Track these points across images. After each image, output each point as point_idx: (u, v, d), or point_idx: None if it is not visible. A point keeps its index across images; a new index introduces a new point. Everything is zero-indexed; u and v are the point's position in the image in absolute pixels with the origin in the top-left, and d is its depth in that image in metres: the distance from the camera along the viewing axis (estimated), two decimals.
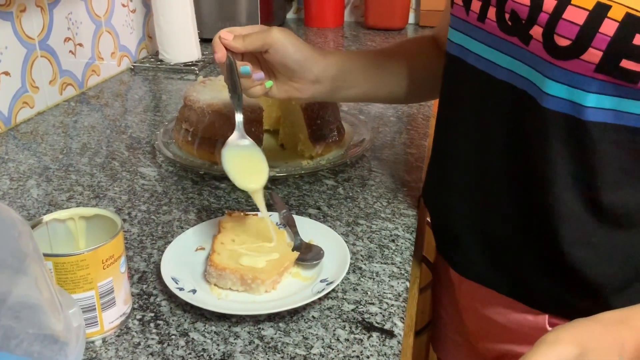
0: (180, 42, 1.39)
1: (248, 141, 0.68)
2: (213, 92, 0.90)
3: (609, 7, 0.48)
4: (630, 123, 0.53)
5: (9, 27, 1.02)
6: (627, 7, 0.48)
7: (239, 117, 0.68)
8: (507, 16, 0.55)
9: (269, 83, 0.70)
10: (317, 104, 0.88)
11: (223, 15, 1.62)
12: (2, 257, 0.36)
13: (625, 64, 0.49)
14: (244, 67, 0.66)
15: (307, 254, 0.65)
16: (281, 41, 0.67)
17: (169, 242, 0.67)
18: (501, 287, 0.66)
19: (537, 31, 0.52)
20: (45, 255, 0.48)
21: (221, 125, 0.84)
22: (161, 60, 1.41)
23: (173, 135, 0.93)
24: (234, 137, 0.67)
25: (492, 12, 0.57)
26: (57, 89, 1.16)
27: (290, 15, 1.99)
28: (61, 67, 1.17)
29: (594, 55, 0.50)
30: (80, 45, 1.23)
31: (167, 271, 0.60)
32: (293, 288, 0.61)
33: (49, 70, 1.13)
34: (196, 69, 1.38)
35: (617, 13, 0.48)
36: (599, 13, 0.49)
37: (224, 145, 0.66)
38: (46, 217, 0.55)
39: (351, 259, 0.66)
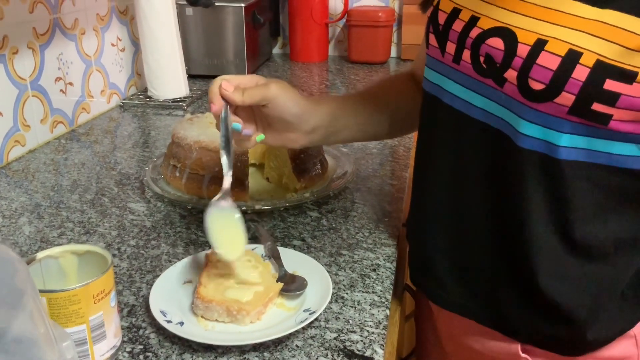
0: (168, 79, 1.43)
1: (232, 208, 0.67)
2: (200, 128, 0.93)
3: (580, 54, 0.52)
4: (602, 161, 0.56)
5: (1, 68, 1.05)
6: (598, 54, 0.51)
7: (227, 180, 0.67)
8: (481, 59, 0.59)
9: (260, 137, 0.71)
10: None
11: (210, 51, 1.66)
12: (1, 294, 0.38)
13: (597, 107, 0.52)
14: (235, 123, 0.67)
15: (291, 285, 0.68)
16: (280, 97, 0.69)
17: (158, 276, 0.69)
18: (477, 317, 0.69)
19: (511, 74, 0.56)
20: (40, 291, 0.51)
21: (208, 160, 0.87)
22: (150, 97, 1.45)
23: (161, 171, 0.96)
24: (218, 200, 0.67)
25: (466, 55, 0.60)
26: (48, 127, 1.19)
27: (276, 50, 2.04)
28: (52, 105, 1.20)
29: (567, 98, 0.53)
30: (71, 84, 1.26)
31: (156, 305, 0.63)
32: (277, 318, 0.63)
33: (40, 109, 1.16)
34: (184, 104, 1.42)
35: (588, 60, 0.52)
36: (572, 59, 0.52)
37: (208, 206, 0.66)
38: (40, 254, 0.57)
39: (333, 288, 0.69)
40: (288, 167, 0.91)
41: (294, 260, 0.72)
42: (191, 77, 1.64)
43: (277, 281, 0.67)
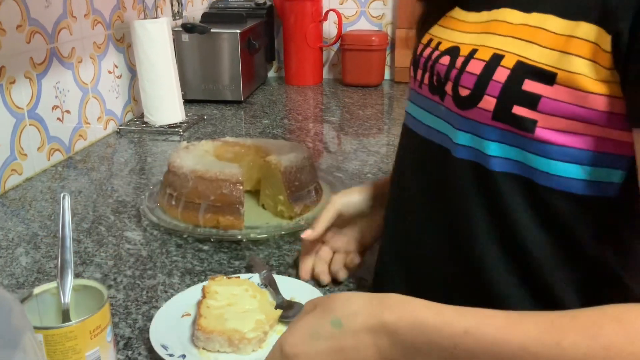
0: (165, 105, 1.44)
1: None
2: (196, 157, 0.94)
3: (502, 57, 0.53)
4: (542, 181, 0.52)
5: None
6: (519, 55, 0.52)
7: None
8: (434, 78, 0.61)
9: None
10: (294, 167, 0.92)
11: (206, 76, 1.68)
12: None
13: (517, 110, 0.51)
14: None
15: (290, 312, 0.68)
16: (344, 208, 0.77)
17: (154, 307, 0.69)
18: None
19: (449, 86, 0.57)
20: (36, 328, 0.51)
21: (204, 189, 0.88)
22: (146, 123, 1.46)
23: (158, 199, 0.97)
24: None
25: (426, 77, 0.62)
26: (45, 155, 1.20)
27: (271, 73, 2.06)
28: (49, 133, 1.21)
29: (489, 102, 0.53)
30: (68, 112, 1.27)
31: (156, 339, 0.63)
32: None
33: (37, 138, 1.17)
34: (180, 130, 1.43)
35: (509, 61, 0.52)
36: (494, 62, 0.53)
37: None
38: (36, 290, 0.58)
39: None
40: (283, 195, 0.92)
41: (291, 287, 0.73)
42: (187, 102, 1.66)
43: (275, 308, 0.68)
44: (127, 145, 1.37)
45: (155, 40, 1.38)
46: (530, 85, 0.51)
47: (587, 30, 0.49)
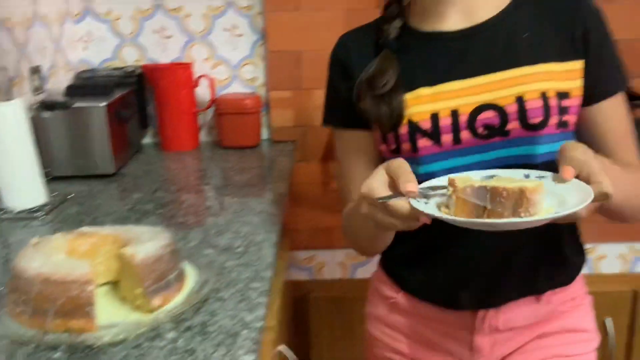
0: (23, 188, 1.36)
1: None
2: (43, 256, 0.89)
3: (546, 92, 0.88)
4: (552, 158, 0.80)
5: None
6: (550, 88, 0.87)
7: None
8: (480, 130, 0.88)
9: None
10: (152, 258, 0.90)
11: (74, 151, 1.60)
12: None
13: (564, 118, 0.90)
14: None
15: None
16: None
17: None
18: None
19: (513, 124, 0.87)
20: None
21: (51, 293, 0.83)
22: (3, 209, 1.36)
23: (7, 304, 0.90)
24: None
25: (465, 134, 0.89)
26: None
27: (147, 139, 2.02)
28: None
29: (554, 119, 0.89)
30: None
31: None
32: None
33: None
34: (43, 213, 1.35)
35: (551, 93, 0.88)
36: (544, 97, 0.88)
37: None
38: None
39: None
40: (140, 288, 0.88)
41: None
42: (55, 179, 1.57)
43: None
44: None
45: (8, 123, 1.31)
46: (566, 102, 0.88)
47: (575, 64, 0.89)
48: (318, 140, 1.95)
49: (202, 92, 1.92)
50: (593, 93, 0.90)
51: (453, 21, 0.91)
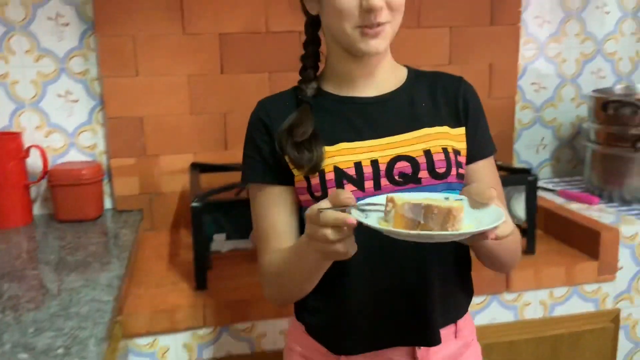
0: None
1: None
2: None
3: (446, 148, 1.04)
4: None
5: None
6: (448, 145, 1.03)
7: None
8: (396, 178, 0.99)
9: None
10: None
11: None
12: None
13: (460, 170, 1.05)
14: None
15: None
16: None
17: None
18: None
19: (423, 173, 1.00)
20: None
21: None
22: None
23: None
24: None
25: (383, 181, 0.99)
26: None
27: None
28: None
29: (454, 170, 1.03)
30: None
31: None
32: None
33: None
34: None
35: (449, 149, 1.05)
36: (446, 152, 1.04)
37: None
38: None
39: None
40: None
41: None
42: None
43: None
44: None
45: None
46: (460, 158, 1.04)
47: (460, 129, 1.06)
48: (166, 208, 1.87)
49: (35, 163, 1.78)
50: (473, 154, 1.08)
51: (365, 90, 1.07)
